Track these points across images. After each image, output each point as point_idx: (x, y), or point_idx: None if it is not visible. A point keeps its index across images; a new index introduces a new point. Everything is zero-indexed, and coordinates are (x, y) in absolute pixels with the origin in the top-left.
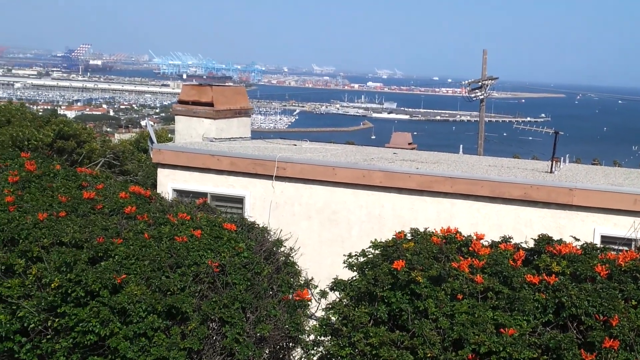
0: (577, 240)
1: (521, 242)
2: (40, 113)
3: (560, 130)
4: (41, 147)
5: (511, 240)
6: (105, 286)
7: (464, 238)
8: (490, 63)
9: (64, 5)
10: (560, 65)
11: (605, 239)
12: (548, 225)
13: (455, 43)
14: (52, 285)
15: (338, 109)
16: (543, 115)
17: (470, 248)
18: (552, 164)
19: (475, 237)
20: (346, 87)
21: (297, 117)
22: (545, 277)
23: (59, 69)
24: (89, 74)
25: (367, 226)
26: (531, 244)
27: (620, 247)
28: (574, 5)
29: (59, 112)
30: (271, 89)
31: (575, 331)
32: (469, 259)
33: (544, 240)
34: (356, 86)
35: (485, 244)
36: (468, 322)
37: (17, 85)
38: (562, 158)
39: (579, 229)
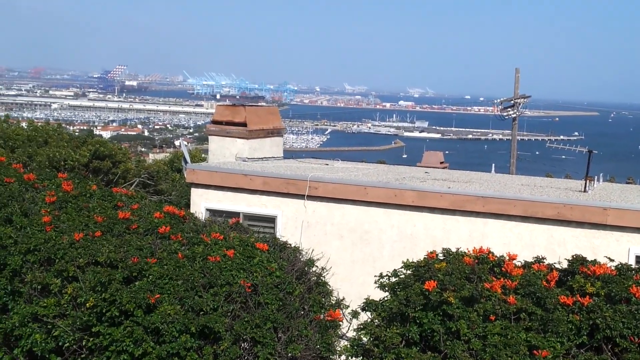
0: (612, 260)
1: (554, 263)
2: (76, 133)
3: (594, 149)
4: (78, 167)
5: (544, 260)
6: (139, 306)
7: (496, 258)
8: (522, 81)
9: (100, 27)
10: (593, 83)
11: None
12: (582, 245)
13: (487, 61)
14: (87, 304)
15: (369, 128)
16: (576, 133)
17: (502, 268)
18: (585, 183)
19: (507, 258)
20: (378, 106)
21: (328, 137)
22: (579, 298)
23: (95, 90)
24: (124, 94)
25: (399, 246)
26: (565, 265)
27: None
28: (607, 24)
29: (95, 133)
30: (303, 108)
31: (609, 353)
32: (502, 279)
33: (578, 261)
34: (388, 105)
35: (518, 264)
36: (501, 343)
37: (54, 106)
38: (595, 177)
39: (613, 249)
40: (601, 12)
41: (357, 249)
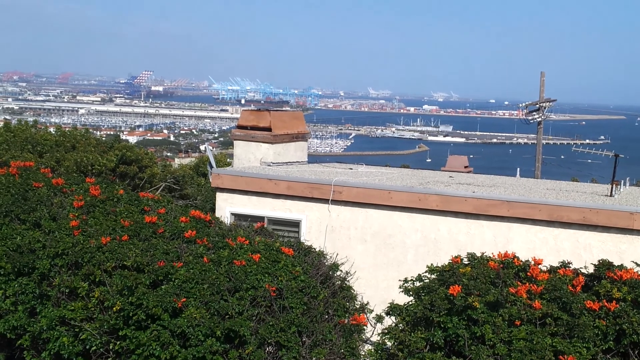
0: (638, 265)
1: (580, 268)
2: (103, 138)
3: (621, 153)
4: (105, 172)
5: (570, 265)
6: (166, 310)
7: (521, 263)
8: (547, 85)
9: (127, 34)
10: (619, 87)
11: None
12: (608, 249)
13: (512, 65)
14: (114, 308)
15: (394, 132)
16: (602, 137)
17: (528, 273)
18: (612, 187)
19: (533, 262)
20: (402, 111)
21: (352, 141)
22: (606, 303)
23: (121, 95)
24: (150, 100)
25: (423, 250)
26: (591, 269)
27: None
28: (633, 26)
29: (121, 138)
30: (327, 113)
31: (636, 359)
32: (527, 284)
33: (604, 266)
34: (412, 109)
35: (544, 269)
36: (526, 349)
37: (81, 111)
38: (622, 181)
39: None
40: (627, 15)
41: (380, 253)
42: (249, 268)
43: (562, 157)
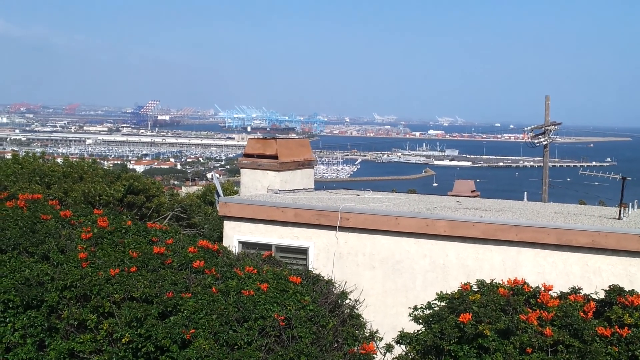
0: None
1: (591, 293)
2: (111, 168)
3: (628, 174)
4: (112, 202)
5: (580, 290)
6: (175, 341)
7: (531, 289)
8: (552, 108)
9: (133, 64)
10: (624, 109)
11: None
12: (618, 273)
13: (517, 89)
14: (123, 340)
15: (400, 157)
16: (609, 159)
17: (538, 299)
18: (620, 210)
19: (543, 288)
20: (407, 136)
21: (359, 166)
22: (618, 329)
23: (128, 125)
24: (157, 129)
25: (432, 276)
26: (601, 295)
27: None
28: (636, 49)
29: (128, 167)
30: (333, 139)
31: None
32: (538, 310)
33: (615, 291)
34: (417, 134)
35: (554, 295)
36: None
37: (88, 141)
38: (630, 204)
39: None
40: (631, 38)
41: (389, 280)
42: (257, 298)
43: (569, 179)
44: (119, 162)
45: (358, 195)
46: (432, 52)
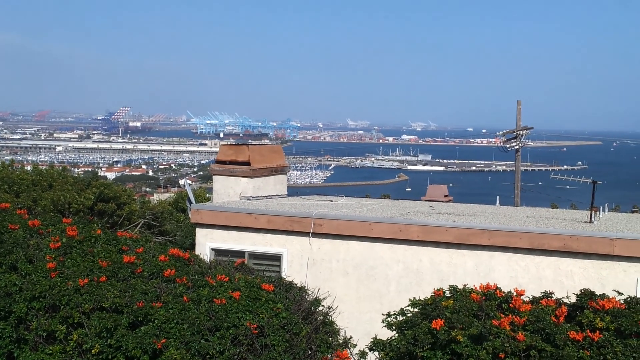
0: (620, 294)
1: (563, 297)
2: (81, 175)
3: (598, 178)
4: (82, 210)
5: (552, 295)
6: (146, 351)
7: (504, 294)
8: (524, 112)
9: (104, 70)
10: (595, 113)
11: None
12: (589, 276)
13: (489, 94)
14: (93, 351)
15: (373, 162)
16: (580, 163)
17: (510, 304)
18: (591, 214)
19: (515, 293)
20: (381, 141)
21: (332, 172)
22: (589, 333)
23: (99, 132)
24: (128, 135)
25: (405, 281)
26: (573, 299)
27: None
28: (606, 54)
29: (99, 174)
30: (307, 144)
31: None
32: (510, 315)
33: (586, 295)
34: (391, 139)
35: (526, 299)
36: None
37: (58, 148)
38: (601, 207)
39: (621, 280)
40: (599, 43)
41: (363, 286)
42: (229, 306)
43: (540, 183)
44: (89, 170)
45: (331, 201)
46: (405, 58)
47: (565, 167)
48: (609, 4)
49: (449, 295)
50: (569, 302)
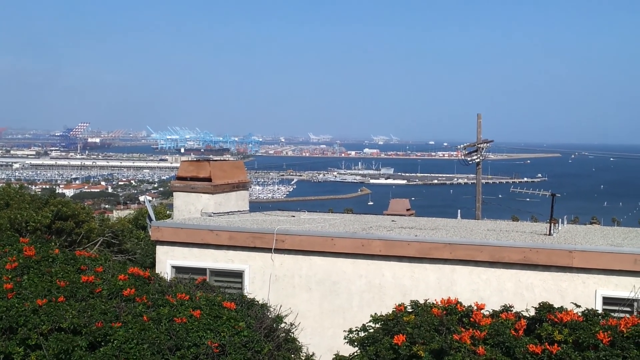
0: (578, 306)
1: (522, 310)
2: (39, 192)
3: (558, 189)
4: (40, 228)
5: (512, 308)
6: None
7: (464, 308)
8: (484, 126)
9: (62, 85)
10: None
11: (607, 300)
12: (549, 288)
13: (450, 107)
14: None
15: (335, 176)
16: (539, 175)
17: (471, 319)
18: (550, 226)
19: (475, 307)
20: (343, 155)
21: (295, 186)
22: (548, 346)
23: (57, 148)
24: (87, 151)
25: (368, 296)
26: (532, 312)
27: (622, 309)
28: (561, 69)
29: (57, 191)
30: (269, 159)
31: None
32: (471, 330)
33: (545, 308)
34: (353, 153)
35: (487, 313)
36: None
37: (15, 165)
38: (560, 219)
39: (580, 291)
40: (555, 57)
41: (326, 301)
42: (190, 325)
43: (500, 196)
44: (47, 187)
45: (294, 216)
46: (366, 72)
47: (525, 179)
48: (567, 16)
49: (410, 310)
50: (528, 315)
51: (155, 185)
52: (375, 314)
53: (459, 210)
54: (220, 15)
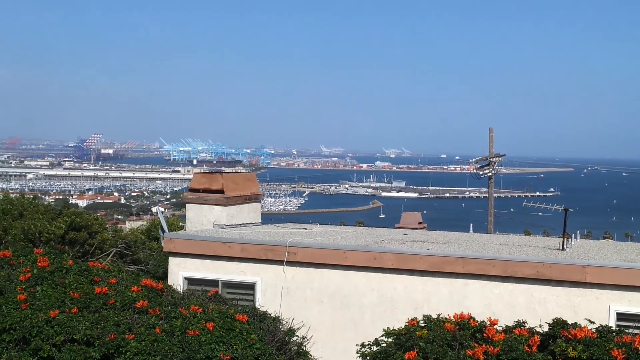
0: (592, 322)
1: (535, 326)
2: (52, 202)
3: (570, 204)
4: (53, 239)
5: (525, 324)
6: None
7: (477, 323)
8: (497, 140)
9: (76, 97)
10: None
11: (620, 316)
12: (562, 303)
13: (462, 121)
14: None
15: (347, 189)
16: (552, 189)
17: (484, 334)
18: (563, 241)
19: (489, 323)
20: (355, 168)
21: (306, 199)
22: None
23: (70, 159)
24: (100, 162)
25: (380, 309)
26: (545, 328)
27: (637, 325)
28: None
29: (70, 202)
30: (280, 171)
31: None
32: (484, 345)
33: (559, 324)
34: (365, 166)
35: (500, 329)
36: None
37: (29, 176)
38: (573, 234)
39: (593, 307)
40: (568, 72)
41: (337, 314)
42: (202, 337)
43: (512, 210)
44: (60, 197)
45: (305, 229)
46: (378, 84)
47: (537, 193)
48: (574, 30)
49: (423, 324)
50: (541, 331)
51: (168, 197)
52: (388, 327)
53: (471, 224)
54: (233, 28)
